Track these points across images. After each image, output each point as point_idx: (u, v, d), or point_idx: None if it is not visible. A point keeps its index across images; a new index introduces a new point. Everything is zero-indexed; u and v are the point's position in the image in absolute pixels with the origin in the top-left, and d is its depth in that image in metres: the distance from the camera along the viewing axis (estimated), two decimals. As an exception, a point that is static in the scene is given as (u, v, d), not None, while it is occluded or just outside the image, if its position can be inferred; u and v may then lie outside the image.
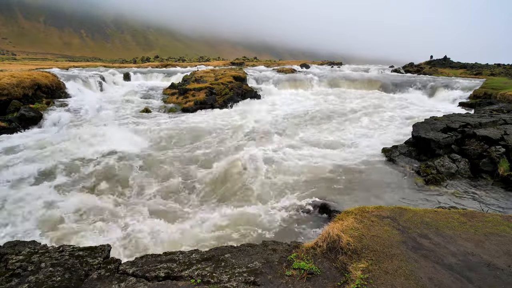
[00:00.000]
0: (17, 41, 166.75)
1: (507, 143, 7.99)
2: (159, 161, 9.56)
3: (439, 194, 6.95)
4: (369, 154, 9.84)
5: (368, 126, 13.86)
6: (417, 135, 9.43)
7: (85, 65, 35.53)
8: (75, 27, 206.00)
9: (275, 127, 13.70)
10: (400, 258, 3.24)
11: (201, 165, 9.34)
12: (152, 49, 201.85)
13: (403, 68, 41.54)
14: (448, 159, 8.26)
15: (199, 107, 17.87)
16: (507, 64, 38.59)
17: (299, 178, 8.12)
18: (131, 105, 17.85)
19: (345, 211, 4.39)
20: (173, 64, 43.97)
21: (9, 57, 68.35)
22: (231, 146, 11.04)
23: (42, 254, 3.43)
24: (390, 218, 4.07)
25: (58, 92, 18.04)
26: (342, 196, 6.94)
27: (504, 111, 13.10)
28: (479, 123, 9.59)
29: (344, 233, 3.60)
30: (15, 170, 8.49)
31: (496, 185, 7.29)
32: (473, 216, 4.22)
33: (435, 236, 3.67)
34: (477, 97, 19.06)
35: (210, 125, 13.87)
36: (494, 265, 3.16)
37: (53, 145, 10.53)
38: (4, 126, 12.59)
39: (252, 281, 3.00)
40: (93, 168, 8.79)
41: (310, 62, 54.36)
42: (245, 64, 46.83)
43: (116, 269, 3.23)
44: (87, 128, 12.58)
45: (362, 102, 20.08)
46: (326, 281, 3.04)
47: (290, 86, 25.36)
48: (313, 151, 10.39)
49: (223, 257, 3.44)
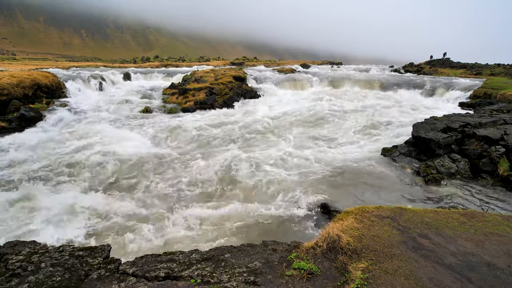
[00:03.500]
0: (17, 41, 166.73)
1: (507, 143, 7.99)
2: (160, 160, 9.56)
3: (439, 194, 6.95)
4: (369, 154, 9.84)
5: (368, 126, 13.85)
6: (417, 135, 9.43)
7: (85, 65, 35.53)
8: (75, 27, 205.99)
9: (275, 126, 13.69)
10: (400, 258, 3.24)
11: (201, 165, 9.33)
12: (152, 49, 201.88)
13: (403, 68, 41.56)
14: (448, 159, 8.26)
15: (199, 107, 17.87)
16: (507, 64, 38.61)
17: (299, 178, 8.12)
18: (131, 105, 17.85)
19: (345, 211, 4.39)
20: (173, 64, 44.01)
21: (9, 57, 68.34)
22: (231, 145, 11.04)
23: (42, 254, 3.43)
24: (390, 218, 4.07)
25: (58, 92, 18.05)
26: (342, 196, 6.94)
27: (504, 111, 13.10)
28: (479, 123, 9.59)
29: (344, 233, 3.60)
30: (15, 170, 8.49)
31: (496, 185, 7.29)
32: (473, 216, 4.22)
33: (435, 236, 3.67)
34: (477, 97, 19.06)
35: (210, 124, 13.86)
36: (494, 265, 3.16)
37: (53, 145, 10.53)
38: (4, 126, 12.59)
39: (252, 281, 2.99)
40: (92, 168, 8.79)
41: (310, 62, 54.36)
42: (245, 64, 46.84)
43: (116, 269, 3.23)
44: (87, 128, 12.58)
45: (362, 102, 20.07)
46: (326, 281, 3.04)
47: (290, 86, 25.35)
48: (313, 151, 10.39)
49: (223, 257, 3.44)
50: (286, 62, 56.17)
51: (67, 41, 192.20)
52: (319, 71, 34.41)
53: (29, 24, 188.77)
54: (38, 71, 18.48)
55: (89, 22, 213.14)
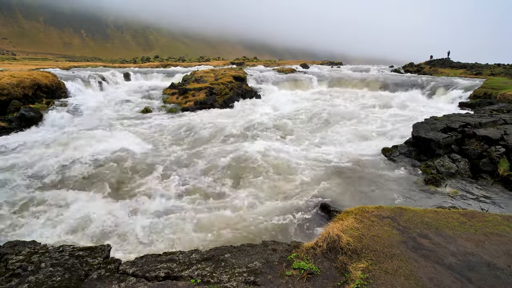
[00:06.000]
0: (17, 41, 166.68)
1: (507, 143, 7.99)
2: (159, 160, 9.56)
3: (439, 194, 6.95)
4: (369, 154, 9.84)
5: (368, 126, 13.85)
6: (417, 135, 9.43)
7: (85, 65, 35.52)
8: (75, 27, 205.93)
9: (275, 126, 13.69)
10: (400, 258, 3.24)
11: (201, 165, 9.33)
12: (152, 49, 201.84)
13: (403, 68, 41.57)
14: (448, 159, 8.26)
15: (199, 107, 17.87)
16: (507, 64, 38.60)
17: (299, 178, 8.12)
18: (131, 105, 17.85)
19: (345, 211, 4.39)
20: (173, 64, 44.00)
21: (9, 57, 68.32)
22: (230, 146, 11.04)
23: (42, 254, 3.43)
24: (390, 218, 4.07)
25: (58, 92, 18.05)
26: (342, 196, 6.94)
27: (504, 111, 13.09)
28: (479, 123, 9.59)
29: (344, 233, 3.60)
30: (14, 170, 8.49)
31: (496, 185, 7.28)
32: (473, 216, 4.22)
33: (435, 236, 3.67)
34: (477, 97, 19.05)
35: (210, 124, 13.86)
36: (494, 265, 3.16)
37: (53, 145, 10.53)
38: (4, 126, 12.59)
39: (252, 281, 2.99)
40: (92, 168, 8.78)
41: (310, 62, 54.36)
42: (245, 64, 46.85)
43: (116, 269, 3.23)
44: (87, 128, 12.58)
45: (361, 102, 20.08)
46: (326, 281, 3.04)
47: (290, 86, 25.36)
48: (312, 150, 10.39)
49: (223, 257, 3.44)
50: (286, 62, 56.18)
51: (67, 41, 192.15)
52: (319, 71, 34.40)
53: (29, 24, 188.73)
54: (38, 71, 18.48)
55: (89, 22, 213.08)
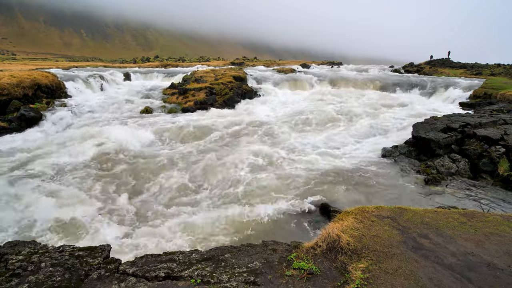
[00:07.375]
0: (17, 41, 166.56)
1: (507, 143, 7.99)
2: (160, 160, 9.56)
3: (439, 194, 6.95)
4: (369, 154, 9.85)
5: (368, 126, 13.85)
6: (417, 135, 9.43)
7: (85, 65, 35.49)
8: (75, 27, 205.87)
9: (275, 126, 13.69)
10: (400, 258, 3.24)
11: (200, 165, 9.33)
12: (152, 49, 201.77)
13: (403, 68, 41.52)
14: (448, 159, 8.26)
15: (199, 107, 17.86)
16: (507, 64, 38.60)
17: (299, 178, 8.12)
18: (131, 105, 17.85)
19: (345, 211, 4.39)
20: (173, 64, 43.97)
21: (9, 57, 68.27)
22: (230, 145, 11.04)
23: (42, 254, 3.43)
24: (390, 218, 4.07)
25: (58, 92, 18.04)
26: (342, 196, 6.94)
27: (504, 111, 13.10)
28: (479, 123, 9.59)
29: (344, 233, 3.60)
30: (14, 170, 8.49)
31: (496, 185, 7.29)
32: (473, 216, 4.22)
33: (435, 236, 3.67)
34: (477, 97, 19.06)
35: (210, 124, 13.85)
36: (494, 265, 3.16)
37: (53, 145, 10.54)
38: (4, 126, 12.59)
39: (252, 281, 2.99)
40: (92, 168, 8.79)
41: (310, 62, 54.32)
42: (245, 64, 46.83)
43: (116, 269, 3.23)
44: (87, 128, 12.58)
45: (361, 102, 20.06)
46: (326, 281, 3.04)
47: (290, 86, 25.35)
48: (313, 151, 10.39)
49: (223, 257, 3.44)
50: (286, 62, 56.17)
51: (67, 41, 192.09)
52: (319, 71, 34.40)
53: (29, 24, 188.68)
54: (38, 71, 18.47)
55: (89, 22, 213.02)
